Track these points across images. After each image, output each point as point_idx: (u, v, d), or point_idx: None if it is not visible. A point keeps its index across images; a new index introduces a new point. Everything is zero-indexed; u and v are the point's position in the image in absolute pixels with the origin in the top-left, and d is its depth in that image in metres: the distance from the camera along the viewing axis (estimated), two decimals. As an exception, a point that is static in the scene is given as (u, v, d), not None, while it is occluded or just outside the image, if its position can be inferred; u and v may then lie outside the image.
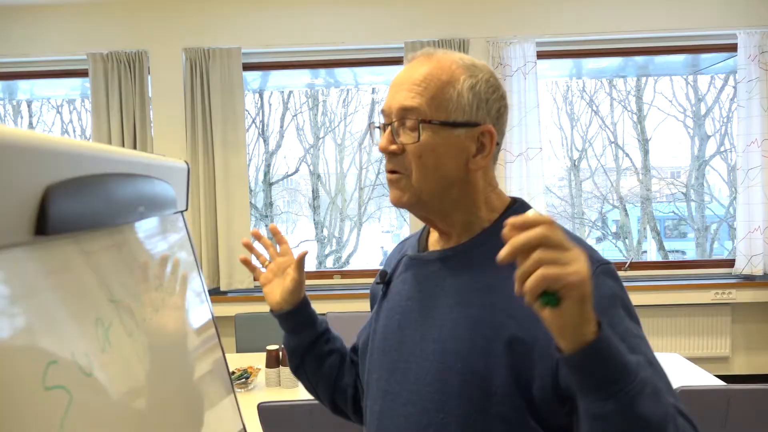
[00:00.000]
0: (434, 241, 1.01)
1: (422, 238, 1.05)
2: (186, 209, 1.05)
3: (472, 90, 0.91)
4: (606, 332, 0.67)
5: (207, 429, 0.94)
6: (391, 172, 0.92)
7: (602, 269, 0.86)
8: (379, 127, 0.97)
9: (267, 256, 1.18)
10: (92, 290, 0.60)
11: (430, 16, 3.98)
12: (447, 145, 0.90)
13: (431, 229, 1.04)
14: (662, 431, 0.69)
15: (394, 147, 0.90)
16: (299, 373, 1.18)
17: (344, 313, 3.31)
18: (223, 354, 1.15)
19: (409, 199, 0.92)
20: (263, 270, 1.18)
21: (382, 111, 0.93)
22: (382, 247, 5.28)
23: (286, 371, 2.49)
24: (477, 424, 0.85)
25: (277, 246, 1.18)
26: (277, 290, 1.13)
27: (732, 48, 4.02)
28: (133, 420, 0.64)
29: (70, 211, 0.54)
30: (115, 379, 0.61)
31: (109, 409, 0.58)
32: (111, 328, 0.62)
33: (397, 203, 0.93)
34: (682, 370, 2.53)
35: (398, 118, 0.90)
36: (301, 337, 1.14)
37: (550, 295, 0.62)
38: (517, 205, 0.97)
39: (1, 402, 0.41)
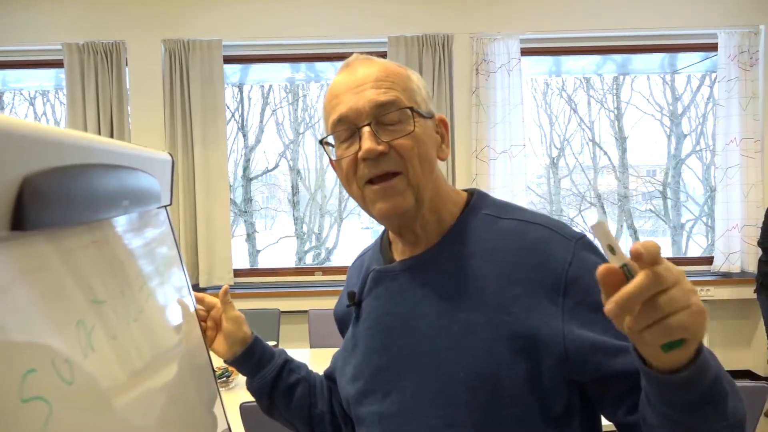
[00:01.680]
0: (400, 249, 0.95)
1: (384, 249, 0.98)
2: (170, 204, 1.00)
3: (421, 83, 0.91)
4: (702, 345, 0.63)
5: (193, 430, 0.90)
6: (383, 176, 0.84)
7: (581, 244, 0.84)
8: (330, 144, 0.90)
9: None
10: (73, 291, 0.56)
11: (414, 11, 3.95)
12: (428, 135, 0.88)
13: (391, 239, 0.98)
14: (744, 419, 0.70)
15: (382, 147, 0.83)
16: (273, 413, 1.13)
17: (327, 310, 3.27)
18: (208, 353, 1.11)
19: (411, 203, 0.85)
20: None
21: (342, 118, 0.85)
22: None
23: (267, 370, 2.44)
24: None
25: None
26: (221, 340, 1.09)
27: (711, 47, 4.06)
28: (117, 428, 0.60)
29: (50, 204, 0.49)
30: (98, 387, 0.57)
31: (91, 418, 0.54)
32: (93, 331, 0.57)
33: (400, 211, 0.85)
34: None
35: (372, 117, 0.84)
36: (264, 374, 1.09)
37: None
38: (476, 198, 0.93)
39: (-27, 418, 0.37)
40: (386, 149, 0.83)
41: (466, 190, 0.96)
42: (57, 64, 3.94)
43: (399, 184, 0.84)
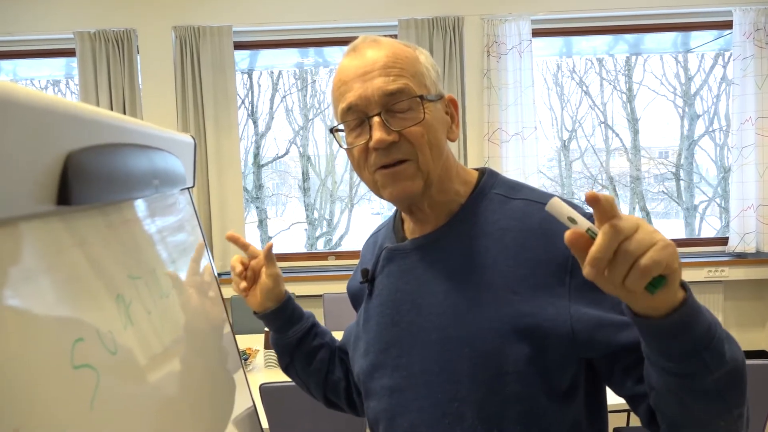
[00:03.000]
0: (411, 228, 0.96)
1: (396, 227, 1.00)
2: (193, 186, 1.02)
3: (430, 63, 0.91)
4: (687, 286, 0.64)
5: (222, 406, 0.92)
6: (393, 164, 0.85)
7: None
8: (341, 130, 0.90)
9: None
10: (113, 265, 0.57)
11: (425, -7, 3.92)
12: (438, 119, 0.88)
13: (404, 217, 0.99)
14: (744, 363, 0.70)
15: (392, 136, 0.84)
16: (290, 371, 1.15)
17: (341, 293, 3.29)
18: (233, 332, 1.12)
19: (420, 187, 0.86)
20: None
21: (351, 107, 0.86)
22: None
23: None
24: (492, 407, 0.82)
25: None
26: (256, 292, 1.09)
27: (725, 25, 4.01)
28: (154, 399, 0.62)
29: (91, 180, 0.50)
30: (137, 358, 0.59)
31: (133, 388, 0.56)
32: (131, 305, 0.59)
33: (409, 194, 0.87)
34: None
35: (382, 106, 0.84)
36: (290, 334, 1.10)
37: (656, 278, 0.58)
38: (487, 177, 0.94)
39: (34, 380, 0.38)
40: (397, 138, 0.84)
41: (477, 169, 0.97)
42: (68, 53, 3.96)
43: (409, 169, 0.86)
